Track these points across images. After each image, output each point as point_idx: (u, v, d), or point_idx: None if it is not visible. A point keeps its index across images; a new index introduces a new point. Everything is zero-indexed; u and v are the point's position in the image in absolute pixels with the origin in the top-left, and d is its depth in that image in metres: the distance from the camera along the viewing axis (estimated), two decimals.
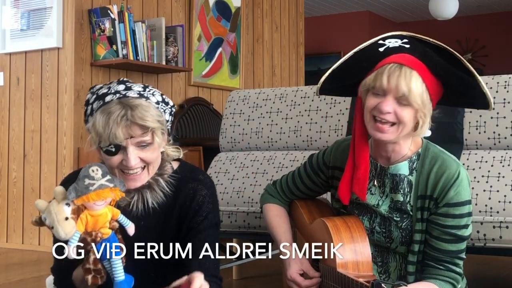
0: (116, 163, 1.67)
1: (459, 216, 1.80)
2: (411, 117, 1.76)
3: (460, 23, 10.05)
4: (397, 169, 1.85)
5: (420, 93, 1.73)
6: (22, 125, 4.58)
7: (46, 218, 1.54)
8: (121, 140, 1.63)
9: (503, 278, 3.57)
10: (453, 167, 1.81)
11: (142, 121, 1.64)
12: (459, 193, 1.79)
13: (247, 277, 3.48)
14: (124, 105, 1.65)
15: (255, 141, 3.04)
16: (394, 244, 1.88)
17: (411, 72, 1.73)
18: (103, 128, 1.63)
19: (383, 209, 1.88)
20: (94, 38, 4.47)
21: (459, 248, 1.81)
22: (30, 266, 3.96)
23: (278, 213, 2.11)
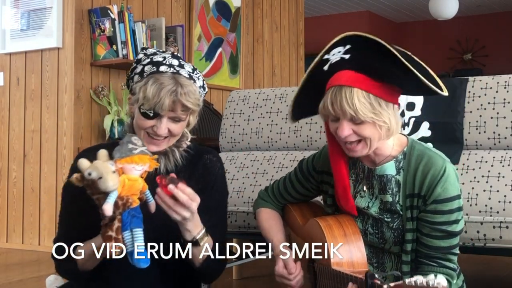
0: (147, 126, 1.81)
1: (448, 212, 1.79)
2: (371, 130, 1.75)
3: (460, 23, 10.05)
4: (384, 169, 1.85)
5: (368, 107, 1.71)
6: (22, 125, 4.58)
7: (91, 173, 1.60)
8: (164, 111, 1.78)
9: (503, 278, 3.57)
10: (439, 163, 1.80)
11: (187, 102, 1.79)
12: (446, 189, 1.79)
13: (247, 277, 3.48)
14: (176, 82, 1.79)
15: (255, 141, 3.04)
16: (388, 245, 1.89)
17: (351, 90, 1.71)
18: (153, 95, 1.76)
19: (374, 211, 1.88)
20: (94, 38, 4.48)
21: (451, 243, 1.81)
22: (30, 266, 3.96)
23: (270, 216, 2.13)
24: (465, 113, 2.55)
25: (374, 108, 1.72)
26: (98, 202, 1.62)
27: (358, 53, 1.77)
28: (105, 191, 1.59)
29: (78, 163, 1.62)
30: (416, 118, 2.59)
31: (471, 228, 2.29)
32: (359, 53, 1.77)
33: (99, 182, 1.59)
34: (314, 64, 1.85)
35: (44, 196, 4.45)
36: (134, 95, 1.82)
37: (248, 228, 2.72)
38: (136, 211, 1.65)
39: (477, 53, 10.42)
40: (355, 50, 1.77)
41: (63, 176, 4.36)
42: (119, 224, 1.61)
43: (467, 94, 2.56)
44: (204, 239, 1.78)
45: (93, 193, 1.62)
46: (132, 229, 1.62)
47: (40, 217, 4.45)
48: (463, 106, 2.54)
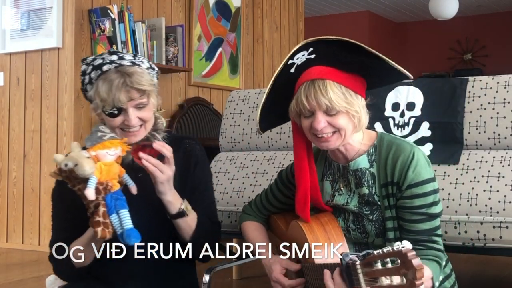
0: (118, 123, 1.88)
1: (424, 195, 1.83)
2: (346, 121, 1.81)
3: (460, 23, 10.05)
4: (357, 164, 1.90)
5: (341, 96, 1.78)
6: (22, 125, 4.58)
7: (67, 163, 1.68)
8: (123, 103, 1.85)
9: (503, 278, 3.57)
10: (407, 149, 1.85)
11: (139, 86, 1.86)
12: (419, 173, 1.82)
13: (247, 277, 3.48)
14: (122, 73, 1.86)
15: (255, 141, 3.04)
16: (371, 238, 1.92)
17: (324, 82, 1.78)
18: (107, 94, 1.85)
19: (353, 205, 1.92)
20: (94, 38, 4.48)
21: (433, 225, 1.85)
22: (30, 266, 3.96)
23: (255, 227, 2.17)
24: (465, 113, 2.55)
25: (346, 98, 1.79)
26: (80, 192, 1.69)
27: (322, 52, 1.84)
28: (83, 177, 1.66)
29: (54, 158, 1.71)
30: (416, 118, 2.59)
31: (471, 228, 2.29)
32: (323, 52, 1.84)
33: (76, 170, 1.66)
34: (279, 71, 1.92)
35: (44, 196, 4.45)
36: (93, 103, 1.92)
37: None
38: (119, 194, 1.72)
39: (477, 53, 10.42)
40: (318, 50, 1.85)
41: None
42: (104, 209, 1.69)
43: (467, 94, 2.56)
44: (189, 209, 1.88)
45: (74, 185, 1.70)
46: (118, 211, 1.70)
47: (40, 217, 4.45)
48: (463, 106, 2.54)
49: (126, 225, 1.70)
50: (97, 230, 1.67)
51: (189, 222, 1.89)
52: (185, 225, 1.89)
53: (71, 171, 1.67)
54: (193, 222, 1.90)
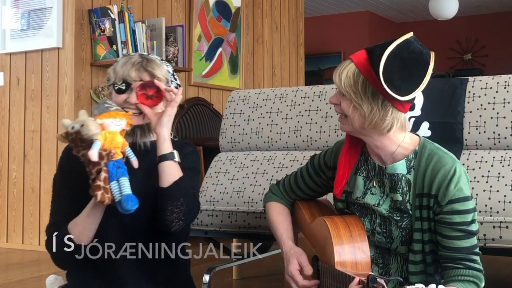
0: (121, 100, 1.92)
1: (465, 212, 1.78)
2: (350, 109, 1.81)
3: (460, 23, 10.05)
4: (395, 168, 1.86)
5: (352, 83, 1.78)
6: (22, 125, 4.58)
7: (74, 126, 1.76)
8: (132, 80, 1.91)
9: (503, 278, 3.57)
10: (449, 164, 1.80)
11: (152, 70, 1.93)
12: (461, 189, 1.78)
13: (247, 277, 3.48)
14: (143, 57, 1.96)
15: (255, 141, 3.04)
16: (395, 244, 1.89)
17: (349, 63, 1.81)
18: (121, 67, 1.93)
19: (384, 209, 1.88)
20: (94, 38, 4.48)
21: (472, 243, 1.79)
22: (30, 266, 3.97)
23: (280, 211, 2.12)
24: (465, 113, 2.55)
25: (356, 88, 1.78)
26: (83, 158, 1.75)
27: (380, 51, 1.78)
28: (88, 140, 1.73)
29: (62, 122, 1.80)
30: (416, 118, 2.59)
31: None
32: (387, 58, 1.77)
33: (82, 130, 1.73)
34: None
35: (44, 196, 4.45)
36: (107, 82, 1.98)
37: (248, 228, 2.71)
38: (120, 163, 1.78)
39: (477, 53, 10.42)
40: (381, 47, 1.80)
41: None
42: (105, 175, 1.74)
43: (467, 94, 2.56)
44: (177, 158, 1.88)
45: (78, 150, 1.76)
46: (119, 179, 1.76)
47: (40, 217, 4.45)
48: (463, 106, 2.54)
49: (125, 191, 1.74)
50: (97, 193, 1.72)
51: (173, 170, 1.87)
52: (169, 170, 1.86)
53: (77, 132, 1.74)
54: (177, 172, 1.87)
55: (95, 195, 1.72)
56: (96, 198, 1.73)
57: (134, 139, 1.93)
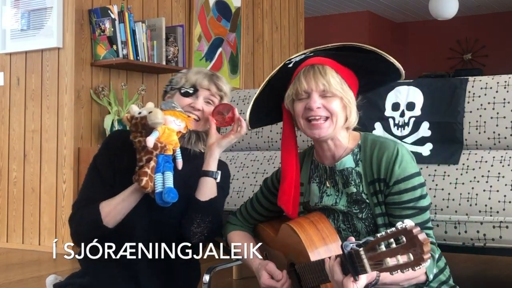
0: (185, 103, 2.07)
1: (411, 189, 1.84)
2: (340, 107, 1.88)
3: (460, 23, 10.05)
4: (343, 164, 1.92)
5: (339, 82, 1.86)
6: (22, 125, 4.58)
7: (141, 112, 1.88)
8: (202, 87, 2.08)
9: (503, 278, 3.58)
10: (391, 146, 1.88)
11: (221, 84, 2.12)
12: (404, 168, 1.85)
13: (247, 277, 3.48)
14: (212, 73, 2.15)
15: (255, 141, 3.04)
16: (362, 236, 1.92)
17: (323, 67, 1.87)
18: (194, 75, 2.10)
19: (342, 205, 1.93)
20: (94, 38, 4.48)
21: (423, 218, 1.86)
22: (30, 266, 3.97)
23: (240, 236, 2.15)
24: (465, 113, 2.55)
25: (342, 86, 1.87)
26: (139, 144, 1.87)
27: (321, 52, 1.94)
28: (151, 127, 1.85)
29: (130, 108, 1.93)
30: (416, 118, 2.59)
31: (471, 228, 2.29)
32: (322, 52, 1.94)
33: (149, 116, 1.84)
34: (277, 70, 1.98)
35: (44, 196, 4.45)
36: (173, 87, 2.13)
37: None
38: (169, 158, 1.90)
39: (477, 53, 10.42)
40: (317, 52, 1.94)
41: (63, 176, 4.36)
42: (154, 164, 1.86)
43: (467, 94, 2.56)
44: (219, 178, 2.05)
45: (136, 136, 1.87)
46: (164, 172, 1.88)
47: (40, 217, 4.46)
48: (463, 106, 2.54)
49: (168, 184, 1.87)
50: (142, 178, 1.83)
51: (212, 188, 2.02)
52: (209, 186, 2.02)
53: (142, 118, 1.86)
54: (213, 191, 2.03)
55: (140, 180, 1.84)
56: (140, 182, 1.83)
57: (187, 143, 2.06)
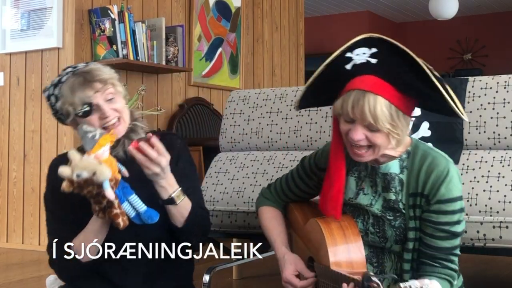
0: (95, 120, 1.86)
1: (451, 213, 1.81)
2: (384, 139, 1.76)
3: (460, 23, 10.05)
4: (388, 168, 1.86)
5: (388, 117, 1.72)
6: (22, 125, 4.58)
7: (80, 174, 1.70)
8: (91, 97, 1.84)
9: (503, 278, 3.58)
10: (443, 164, 1.82)
11: (98, 77, 1.86)
12: (450, 190, 1.80)
13: (247, 277, 3.48)
14: (79, 73, 1.87)
15: (255, 141, 3.04)
16: (389, 243, 1.89)
17: (375, 98, 1.71)
18: (72, 94, 1.84)
19: (376, 209, 1.88)
20: (94, 38, 4.48)
21: (453, 244, 1.82)
22: (30, 266, 3.97)
23: (272, 215, 2.12)
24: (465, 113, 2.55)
25: (393, 120, 1.73)
26: (90, 194, 1.72)
27: (385, 60, 1.74)
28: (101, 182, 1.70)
29: (60, 172, 1.69)
30: (416, 118, 2.58)
31: (471, 228, 2.29)
32: (386, 60, 1.74)
33: (95, 178, 1.69)
34: (333, 58, 1.81)
35: None
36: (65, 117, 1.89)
37: (248, 228, 2.72)
38: (123, 183, 1.79)
39: (477, 53, 10.42)
40: (382, 56, 1.75)
41: None
42: (117, 201, 1.76)
43: (467, 94, 2.56)
44: (180, 198, 1.86)
45: (83, 190, 1.72)
46: (128, 198, 1.79)
47: (40, 217, 4.45)
48: (463, 106, 2.54)
49: (141, 208, 1.80)
50: (118, 221, 1.74)
51: (180, 210, 1.88)
52: (175, 212, 1.88)
53: (86, 180, 1.69)
54: (185, 211, 1.89)
55: (117, 223, 1.75)
56: (119, 226, 1.75)
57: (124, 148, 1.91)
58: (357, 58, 1.77)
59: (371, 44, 1.76)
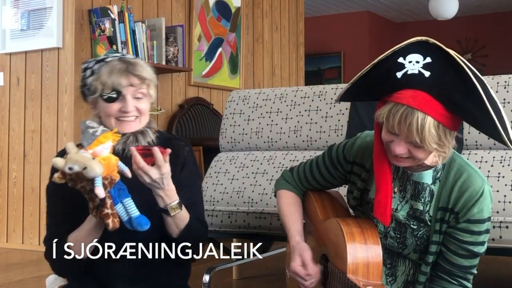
0: (115, 110, 1.89)
1: (477, 233, 1.77)
2: (427, 155, 1.72)
3: (460, 23, 10.04)
4: (421, 177, 1.81)
5: (435, 137, 1.64)
6: (22, 125, 4.58)
7: (72, 167, 1.68)
8: (123, 86, 1.87)
9: (503, 278, 3.57)
10: (479, 183, 1.77)
11: (140, 73, 1.89)
12: (482, 211, 1.76)
13: (247, 277, 3.48)
14: (125, 61, 1.91)
15: (255, 141, 3.04)
16: (407, 251, 1.87)
17: (425, 118, 1.62)
18: (108, 77, 1.86)
19: (401, 215, 1.84)
20: (94, 38, 4.47)
21: (472, 263, 1.81)
22: (30, 266, 3.96)
23: (291, 201, 2.07)
24: None
25: (440, 140, 1.66)
26: (83, 190, 1.71)
27: (439, 76, 1.63)
28: (92, 178, 1.68)
29: (54, 162, 1.70)
30: None
31: None
32: (439, 76, 1.63)
33: (85, 173, 1.67)
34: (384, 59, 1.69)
35: (44, 196, 4.43)
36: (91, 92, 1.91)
37: (248, 228, 2.72)
38: (120, 185, 1.77)
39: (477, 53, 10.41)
40: (436, 69, 1.63)
41: None
42: (110, 201, 1.74)
43: None
44: (176, 211, 1.85)
45: (77, 184, 1.71)
46: (122, 201, 1.76)
47: (40, 217, 4.45)
48: None
49: (133, 213, 1.77)
50: (108, 222, 1.72)
51: (175, 221, 1.87)
52: (171, 221, 1.87)
53: (77, 173, 1.68)
54: (181, 222, 1.88)
55: (106, 223, 1.73)
56: (108, 226, 1.73)
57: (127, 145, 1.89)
58: (410, 66, 1.65)
59: (425, 52, 1.66)
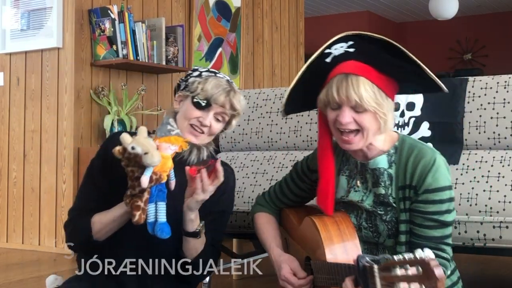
0: (195, 116, 1.96)
1: (439, 202, 1.82)
2: (372, 120, 1.79)
3: (460, 23, 10.05)
4: (376, 163, 1.88)
5: (372, 96, 1.76)
6: (22, 125, 4.58)
7: (135, 147, 1.71)
8: (217, 103, 1.96)
9: (503, 278, 3.58)
10: (429, 154, 1.84)
11: (237, 103, 1.99)
12: (437, 179, 1.81)
13: (247, 277, 3.48)
14: (231, 86, 2.01)
15: (255, 141, 3.04)
16: (382, 238, 1.91)
17: (358, 78, 1.76)
18: (211, 88, 1.96)
19: (368, 204, 1.91)
20: (94, 38, 4.48)
21: (443, 233, 1.84)
22: (30, 266, 3.97)
23: (267, 220, 2.16)
24: (465, 113, 2.55)
25: (377, 98, 1.77)
26: (131, 173, 1.74)
27: (363, 46, 1.82)
28: (147, 166, 1.71)
29: (122, 137, 1.74)
30: (416, 118, 2.59)
31: (471, 228, 2.29)
32: (364, 47, 1.82)
33: (144, 157, 1.70)
34: (315, 57, 1.88)
35: (44, 196, 4.45)
36: (187, 89, 1.99)
37: (248, 228, 2.71)
38: (163, 186, 1.80)
39: (477, 53, 10.42)
40: (359, 44, 1.83)
41: (63, 176, 4.36)
42: (147, 196, 1.76)
43: (467, 94, 2.56)
44: (202, 232, 1.92)
45: (129, 165, 1.74)
46: (157, 202, 1.79)
47: (40, 217, 4.45)
48: (463, 106, 2.54)
49: (161, 218, 1.79)
50: (135, 213, 1.74)
51: (197, 244, 1.94)
52: (193, 245, 1.93)
53: (136, 155, 1.71)
54: (201, 245, 1.95)
55: (133, 214, 1.75)
56: (133, 217, 1.75)
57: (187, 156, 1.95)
58: (336, 51, 1.84)
59: (347, 39, 1.85)
